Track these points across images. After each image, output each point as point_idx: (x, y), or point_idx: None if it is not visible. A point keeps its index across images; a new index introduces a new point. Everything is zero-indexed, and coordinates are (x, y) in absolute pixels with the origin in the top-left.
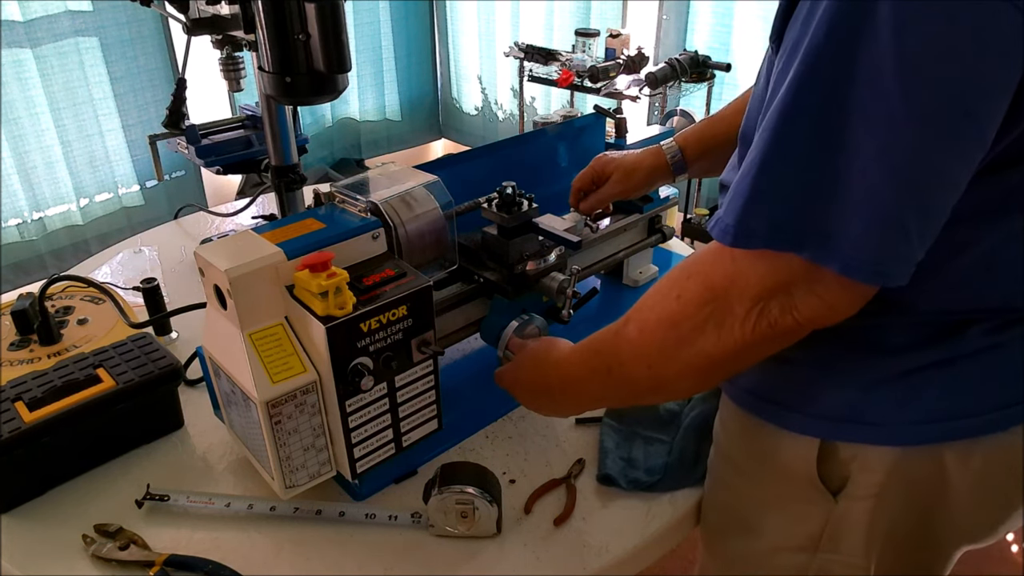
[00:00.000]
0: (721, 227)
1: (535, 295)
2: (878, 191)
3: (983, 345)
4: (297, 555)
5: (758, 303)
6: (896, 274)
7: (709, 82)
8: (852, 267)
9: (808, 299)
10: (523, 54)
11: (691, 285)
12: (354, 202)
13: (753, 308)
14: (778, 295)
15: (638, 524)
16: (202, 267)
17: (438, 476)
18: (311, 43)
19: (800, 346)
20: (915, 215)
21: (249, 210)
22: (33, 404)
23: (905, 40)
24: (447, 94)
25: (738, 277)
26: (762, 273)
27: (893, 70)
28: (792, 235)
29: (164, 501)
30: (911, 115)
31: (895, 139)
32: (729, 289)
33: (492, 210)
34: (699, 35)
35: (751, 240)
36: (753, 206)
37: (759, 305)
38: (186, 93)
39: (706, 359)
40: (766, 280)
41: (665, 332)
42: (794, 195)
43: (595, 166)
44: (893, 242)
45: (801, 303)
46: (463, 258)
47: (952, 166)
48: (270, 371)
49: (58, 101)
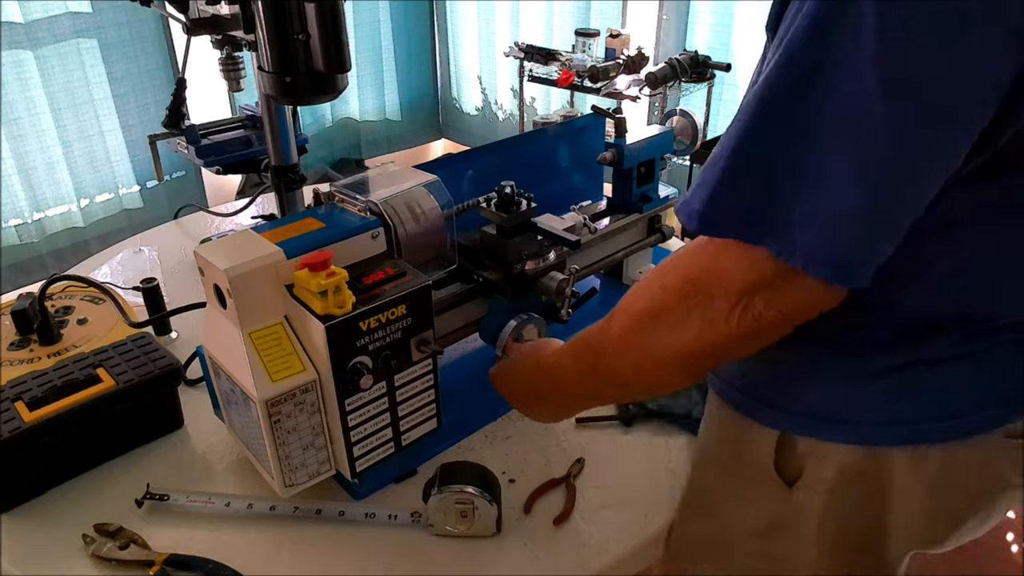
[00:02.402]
0: (687, 212)
1: (534, 295)
2: (841, 187)
3: (952, 353)
4: (297, 554)
5: (742, 299)
6: (857, 274)
7: (709, 82)
8: (813, 263)
9: (790, 292)
10: (523, 54)
11: (674, 276)
12: (354, 202)
13: (738, 304)
14: (762, 289)
15: (638, 524)
16: (202, 266)
17: (437, 475)
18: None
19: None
20: (881, 215)
21: (249, 210)
22: (33, 404)
23: (889, 39)
24: (447, 94)
25: (720, 270)
26: (744, 267)
27: (873, 67)
28: (759, 226)
29: (164, 500)
30: (887, 115)
31: (866, 137)
32: (711, 283)
33: (491, 210)
34: (699, 35)
35: (717, 228)
36: (720, 191)
37: (743, 301)
38: (186, 93)
39: (687, 353)
40: (748, 274)
41: (646, 324)
42: (760, 184)
43: None
44: (855, 240)
45: (784, 296)
46: (463, 257)
47: (925, 168)
48: (269, 370)
49: (58, 102)
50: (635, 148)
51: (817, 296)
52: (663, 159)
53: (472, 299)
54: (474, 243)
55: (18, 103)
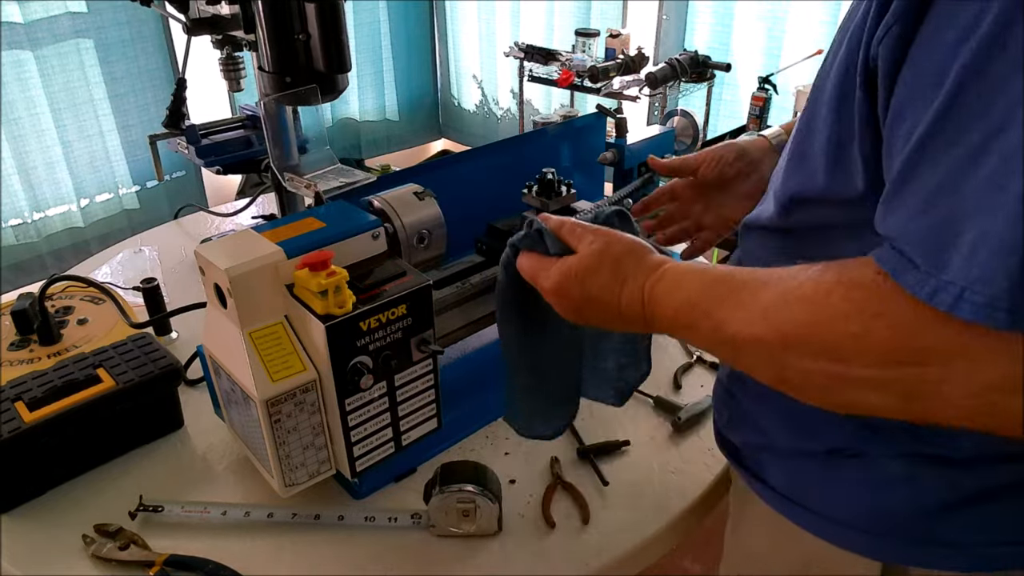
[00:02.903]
0: (974, 303)
1: None
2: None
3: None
4: (298, 556)
5: (984, 395)
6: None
7: (709, 82)
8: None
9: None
10: (523, 54)
11: (880, 329)
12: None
13: (970, 399)
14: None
15: (638, 524)
16: (202, 266)
17: (438, 475)
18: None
19: (857, 458)
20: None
21: (249, 210)
22: (33, 404)
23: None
24: (447, 94)
25: (963, 355)
26: (1006, 360)
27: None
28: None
29: (158, 512)
30: None
31: None
32: (942, 365)
33: (532, 195)
34: (699, 35)
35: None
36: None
37: (982, 398)
38: (186, 93)
39: (868, 411)
40: (1008, 370)
41: (825, 365)
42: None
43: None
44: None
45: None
46: (499, 242)
47: None
48: (270, 370)
49: (58, 102)
50: (636, 148)
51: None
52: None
53: (473, 299)
54: (512, 228)
55: (18, 103)
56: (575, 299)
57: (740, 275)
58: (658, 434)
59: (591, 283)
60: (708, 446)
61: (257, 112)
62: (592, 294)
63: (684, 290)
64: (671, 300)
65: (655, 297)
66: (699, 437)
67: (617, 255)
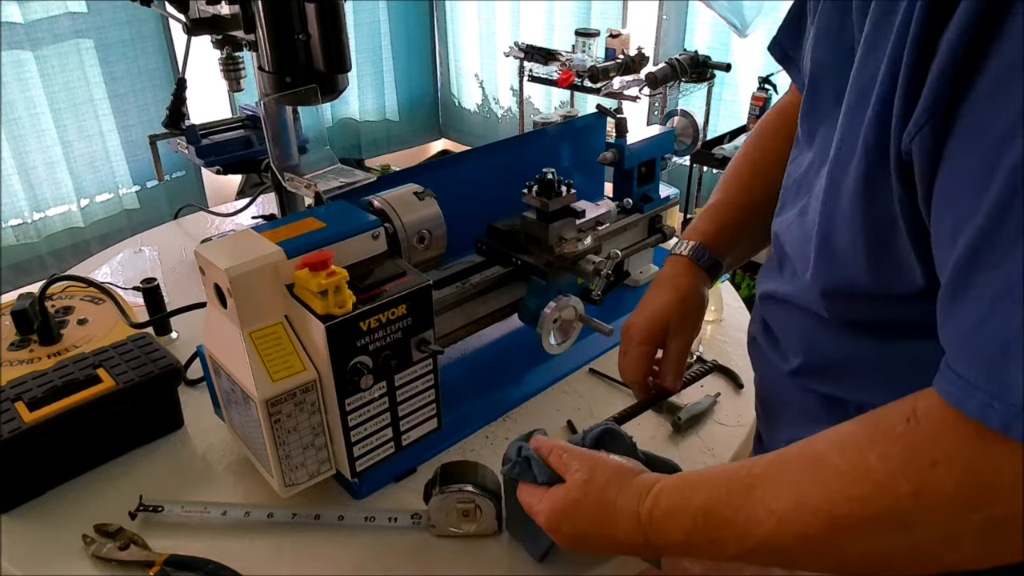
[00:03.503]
0: (1005, 413)
1: (570, 277)
2: None
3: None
4: (298, 556)
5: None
6: None
7: (709, 82)
8: None
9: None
10: (523, 54)
11: (941, 476)
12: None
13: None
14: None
15: None
16: (202, 266)
17: (438, 476)
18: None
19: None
20: None
21: (249, 210)
22: (33, 404)
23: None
24: (447, 94)
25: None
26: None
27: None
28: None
29: (158, 512)
30: None
31: None
32: (1010, 491)
33: (532, 195)
34: (699, 35)
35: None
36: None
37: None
38: (186, 93)
39: (950, 569)
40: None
41: (885, 538)
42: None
43: (635, 339)
44: None
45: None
46: (499, 242)
47: None
48: (270, 370)
49: (58, 102)
50: (636, 148)
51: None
52: (664, 159)
53: (473, 299)
54: (513, 228)
55: (18, 103)
56: (568, 536)
57: (751, 467)
58: (658, 434)
59: (579, 520)
60: (708, 446)
61: (257, 112)
62: (583, 531)
63: (691, 505)
64: (679, 522)
65: (656, 523)
66: (699, 437)
67: (602, 485)
